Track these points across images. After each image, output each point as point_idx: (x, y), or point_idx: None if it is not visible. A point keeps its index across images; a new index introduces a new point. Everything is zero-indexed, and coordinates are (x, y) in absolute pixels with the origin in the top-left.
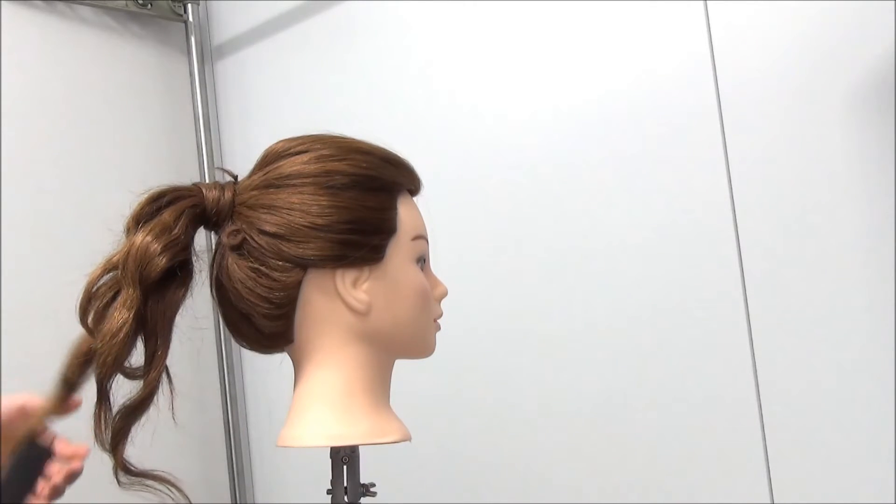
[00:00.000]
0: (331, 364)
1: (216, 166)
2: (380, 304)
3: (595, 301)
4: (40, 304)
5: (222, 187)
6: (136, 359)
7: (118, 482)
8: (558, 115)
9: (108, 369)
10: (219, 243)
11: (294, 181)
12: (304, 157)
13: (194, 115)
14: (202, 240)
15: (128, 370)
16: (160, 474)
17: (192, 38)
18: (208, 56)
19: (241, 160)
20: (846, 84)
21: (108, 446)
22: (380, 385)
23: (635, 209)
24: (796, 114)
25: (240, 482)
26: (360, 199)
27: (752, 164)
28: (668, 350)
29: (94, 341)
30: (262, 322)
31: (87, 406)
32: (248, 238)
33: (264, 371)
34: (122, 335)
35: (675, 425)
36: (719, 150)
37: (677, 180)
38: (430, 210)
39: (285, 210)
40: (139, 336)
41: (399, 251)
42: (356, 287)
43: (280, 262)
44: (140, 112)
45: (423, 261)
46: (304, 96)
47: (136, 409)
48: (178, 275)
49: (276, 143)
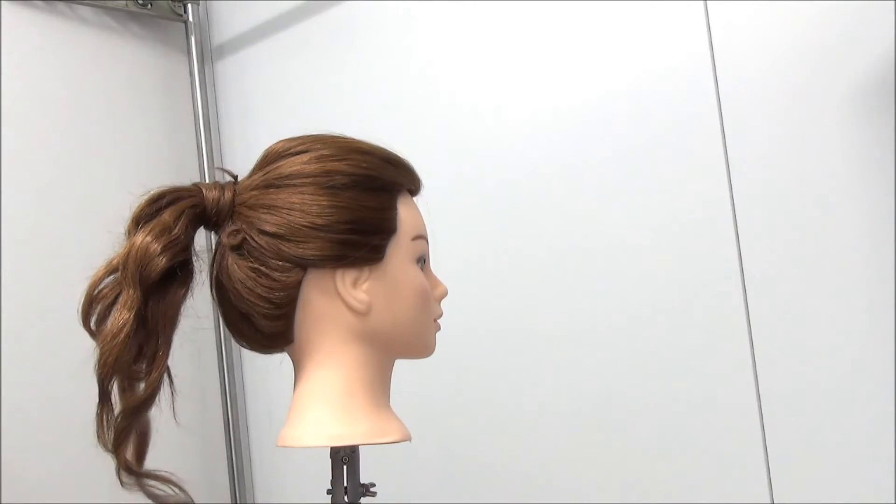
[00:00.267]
0: (331, 364)
1: (216, 166)
2: (380, 304)
3: (595, 301)
4: (40, 304)
5: (222, 187)
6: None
7: (121, 482)
8: (558, 115)
9: (108, 369)
10: (219, 243)
11: (294, 181)
12: (304, 157)
13: (194, 115)
14: (202, 240)
15: (129, 370)
16: (163, 474)
17: (192, 38)
18: (208, 56)
19: (241, 160)
20: (846, 84)
21: (110, 447)
22: (380, 385)
23: (635, 209)
24: (796, 114)
25: (240, 482)
26: (360, 199)
27: (752, 164)
28: (668, 350)
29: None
30: (262, 322)
31: (88, 406)
32: (248, 238)
33: (264, 371)
34: (122, 335)
35: (675, 425)
36: (719, 150)
37: (677, 180)
38: (430, 210)
39: (285, 210)
40: (140, 336)
41: (399, 251)
42: (356, 287)
43: (280, 262)
44: (140, 112)
45: (423, 261)
46: (304, 96)
47: (138, 409)
48: (178, 275)
49: (276, 143)
